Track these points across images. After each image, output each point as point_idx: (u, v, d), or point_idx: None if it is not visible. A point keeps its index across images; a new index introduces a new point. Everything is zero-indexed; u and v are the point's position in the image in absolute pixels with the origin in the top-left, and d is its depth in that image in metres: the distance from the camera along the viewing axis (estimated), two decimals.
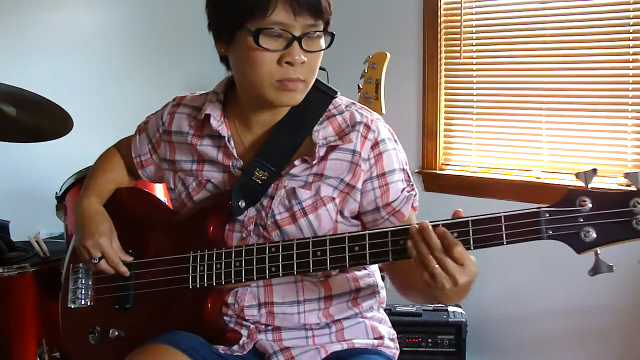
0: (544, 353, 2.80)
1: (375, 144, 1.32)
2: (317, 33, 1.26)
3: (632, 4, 2.58)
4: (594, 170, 1.06)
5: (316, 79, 1.34)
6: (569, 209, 1.06)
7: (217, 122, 1.37)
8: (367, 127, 1.32)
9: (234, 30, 1.26)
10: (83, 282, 1.53)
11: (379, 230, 1.20)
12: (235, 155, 1.37)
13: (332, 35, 1.28)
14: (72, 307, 1.53)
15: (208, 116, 1.38)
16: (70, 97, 2.39)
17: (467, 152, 3.09)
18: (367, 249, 1.19)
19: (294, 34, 1.22)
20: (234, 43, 1.28)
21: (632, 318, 2.59)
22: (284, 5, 1.20)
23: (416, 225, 1.13)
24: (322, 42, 1.28)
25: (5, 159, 2.59)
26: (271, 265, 1.26)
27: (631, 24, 2.59)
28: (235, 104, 1.40)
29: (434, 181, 3.11)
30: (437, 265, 1.10)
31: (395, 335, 1.47)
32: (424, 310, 2.70)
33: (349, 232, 1.22)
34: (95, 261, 1.43)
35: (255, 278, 1.28)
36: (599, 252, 1.06)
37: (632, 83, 2.61)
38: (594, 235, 1.05)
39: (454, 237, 1.10)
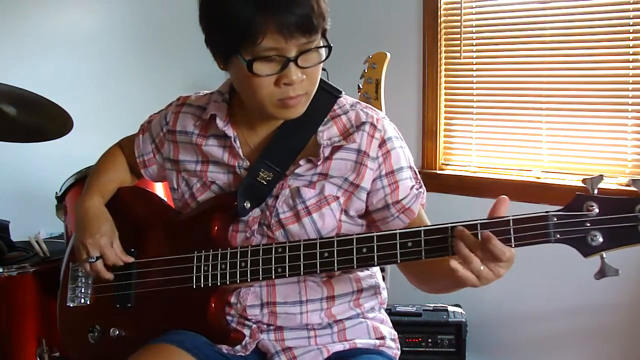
0: (544, 353, 2.80)
1: (383, 142, 1.32)
2: (314, 47, 1.22)
3: (632, 3, 2.57)
4: (601, 177, 1.08)
5: (320, 79, 1.33)
6: (576, 214, 1.08)
7: (223, 122, 1.37)
8: (373, 126, 1.33)
9: (228, 55, 1.24)
10: (83, 280, 1.53)
11: (388, 232, 1.19)
12: (242, 155, 1.37)
13: (330, 47, 1.25)
14: (71, 305, 1.53)
15: (214, 116, 1.38)
16: (70, 97, 2.39)
17: (467, 152, 3.09)
18: (375, 250, 1.19)
19: (288, 56, 1.19)
20: (230, 64, 1.26)
21: (634, 317, 2.58)
22: (273, 31, 1.15)
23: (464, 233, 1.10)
24: (322, 52, 1.25)
25: (5, 159, 2.59)
26: (277, 266, 1.26)
27: (631, 24, 2.59)
28: (240, 104, 1.39)
29: (434, 181, 3.10)
30: (482, 268, 1.09)
31: (397, 336, 1.48)
32: (424, 310, 2.70)
33: (356, 234, 1.22)
34: (93, 260, 1.43)
35: (261, 278, 1.28)
36: (604, 256, 1.08)
37: (632, 83, 2.60)
38: (601, 239, 1.07)
39: (500, 244, 1.08)
